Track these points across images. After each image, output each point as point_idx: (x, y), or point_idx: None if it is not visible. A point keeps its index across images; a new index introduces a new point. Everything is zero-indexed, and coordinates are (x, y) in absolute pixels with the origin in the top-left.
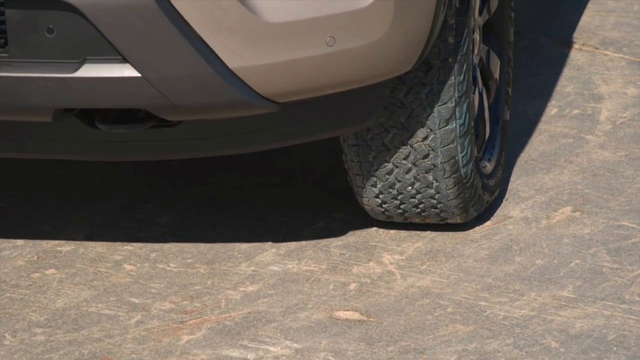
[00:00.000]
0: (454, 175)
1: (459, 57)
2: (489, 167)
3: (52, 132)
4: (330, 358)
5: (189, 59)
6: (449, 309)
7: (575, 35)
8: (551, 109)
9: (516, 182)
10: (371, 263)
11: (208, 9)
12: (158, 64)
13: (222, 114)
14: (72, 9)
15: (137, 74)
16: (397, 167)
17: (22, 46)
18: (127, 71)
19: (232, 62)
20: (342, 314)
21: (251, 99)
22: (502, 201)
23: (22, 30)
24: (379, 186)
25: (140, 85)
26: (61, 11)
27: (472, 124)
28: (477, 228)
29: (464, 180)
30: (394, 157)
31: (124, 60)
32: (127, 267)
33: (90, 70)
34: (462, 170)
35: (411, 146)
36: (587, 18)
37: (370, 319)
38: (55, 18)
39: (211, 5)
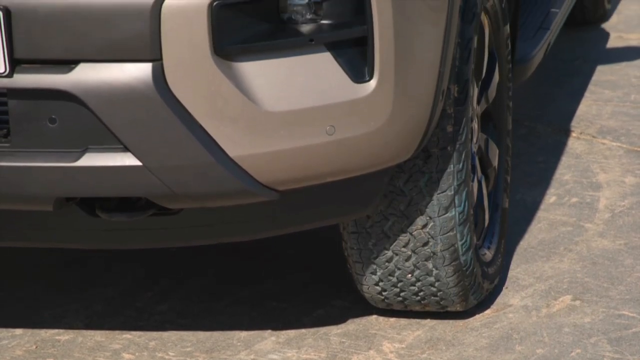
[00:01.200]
0: (453, 263)
1: (457, 146)
2: (488, 255)
3: (52, 221)
4: None
5: (190, 147)
6: None
7: (573, 123)
8: (550, 197)
9: (516, 270)
10: (371, 351)
11: (209, 98)
12: (159, 153)
13: (222, 202)
14: (74, 99)
15: (138, 163)
16: (396, 254)
17: (24, 136)
18: (128, 160)
19: (233, 150)
20: None
21: (251, 187)
22: (502, 289)
23: (25, 120)
24: (378, 274)
25: (141, 174)
26: (63, 101)
27: (472, 211)
28: (477, 316)
29: (464, 268)
30: (394, 244)
31: (126, 149)
32: (126, 356)
33: (91, 159)
34: (462, 258)
35: (411, 234)
36: (585, 107)
37: None
38: (57, 108)
39: (212, 95)
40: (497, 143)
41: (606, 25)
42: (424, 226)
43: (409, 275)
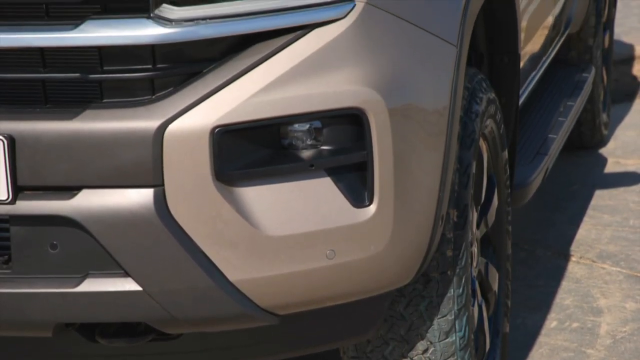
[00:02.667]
0: None
1: (457, 270)
2: None
3: (51, 347)
4: None
5: (190, 271)
6: None
7: (573, 247)
8: (551, 322)
9: None
10: None
11: (210, 222)
12: (159, 277)
13: (222, 326)
14: (76, 224)
15: (139, 288)
16: None
17: (25, 262)
18: (128, 285)
19: (233, 274)
20: None
21: (251, 312)
22: None
23: (26, 247)
24: None
25: (141, 299)
26: (65, 227)
27: (472, 336)
28: None
29: None
30: None
31: (126, 274)
32: None
33: (91, 285)
34: None
35: (411, 359)
36: (584, 231)
37: None
38: (58, 234)
39: (213, 219)
40: (497, 267)
41: (604, 151)
42: (425, 351)
43: None
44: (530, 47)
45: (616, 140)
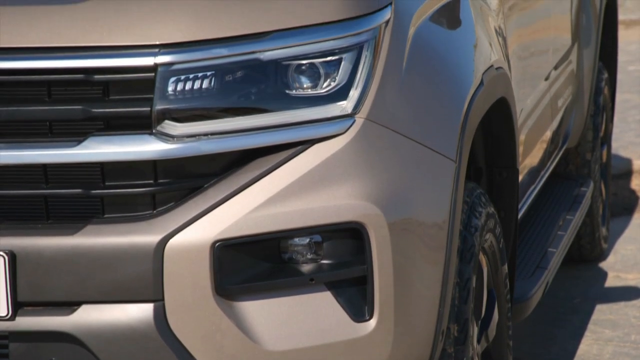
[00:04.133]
0: None
1: None
2: None
3: None
4: None
5: None
6: None
7: None
8: None
9: None
10: None
11: (210, 337)
12: None
13: None
14: (75, 340)
15: None
16: None
17: None
18: None
19: None
20: None
21: None
22: None
23: None
24: None
25: None
26: (64, 343)
27: None
28: None
29: None
30: None
31: None
32: None
33: None
34: None
35: None
36: (585, 346)
37: None
38: (57, 349)
39: (213, 334)
40: None
41: (604, 264)
42: None
43: None
44: (528, 161)
45: (616, 254)
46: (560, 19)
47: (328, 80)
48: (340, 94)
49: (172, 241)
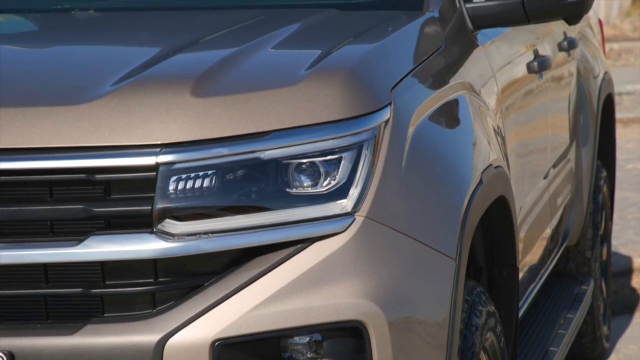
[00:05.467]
0: None
1: None
2: None
3: None
4: None
5: None
6: None
7: None
8: None
9: None
10: None
11: None
12: None
13: None
14: None
15: None
16: None
17: None
18: None
19: None
20: None
21: None
22: None
23: None
24: None
25: None
26: None
27: None
28: None
29: None
30: None
31: None
32: None
33: None
34: None
35: None
36: None
37: None
38: None
39: None
40: None
41: None
42: None
43: None
44: (529, 258)
45: (618, 353)
46: (558, 117)
47: (328, 178)
48: (340, 192)
49: (172, 340)
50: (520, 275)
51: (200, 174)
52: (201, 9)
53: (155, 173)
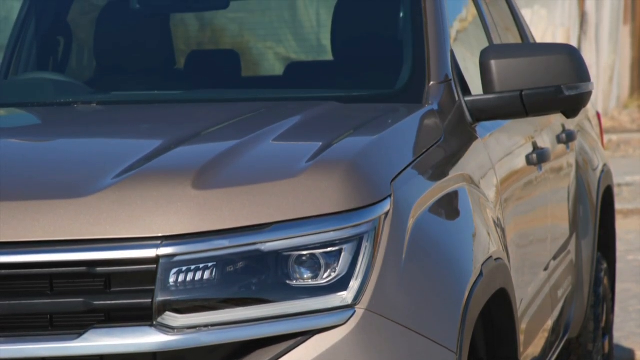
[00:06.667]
0: None
1: None
2: None
3: None
4: None
5: None
6: None
7: None
8: None
9: None
10: None
11: None
12: None
13: None
14: None
15: None
16: None
17: None
18: None
19: None
20: None
21: None
22: None
23: None
24: None
25: None
26: None
27: None
28: None
29: None
30: None
31: None
32: None
33: None
34: None
35: None
36: None
37: None
38: None
39: None
40: None
41: None
42: None
43: None
44: (530, 350)
45: None
46: (557, 209)
47: (328, 270)
48: (341, 284)
49: None
50: None
51: (201, 266)
52: (202, 101)
53: (155, 265)
